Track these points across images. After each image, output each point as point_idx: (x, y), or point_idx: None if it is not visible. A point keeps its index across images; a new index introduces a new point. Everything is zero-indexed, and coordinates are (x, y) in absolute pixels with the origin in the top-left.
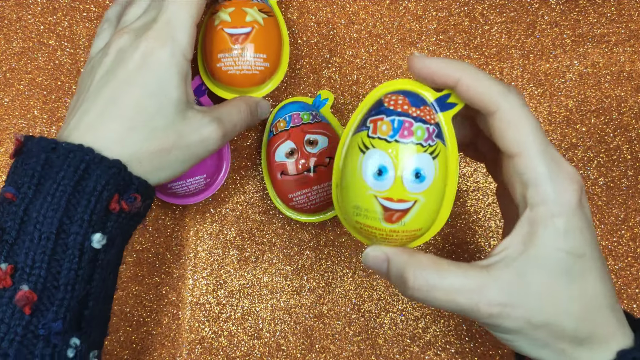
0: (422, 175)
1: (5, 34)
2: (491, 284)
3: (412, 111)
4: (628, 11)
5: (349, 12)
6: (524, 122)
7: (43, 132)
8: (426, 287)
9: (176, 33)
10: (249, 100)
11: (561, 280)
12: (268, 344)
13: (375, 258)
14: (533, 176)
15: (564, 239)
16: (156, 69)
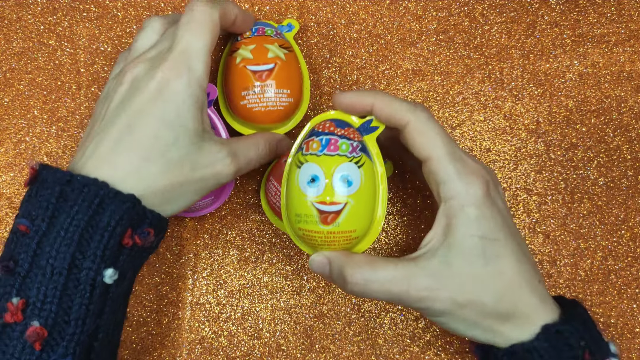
0: (349, 180)
1: (5, 34)
2: (418, 272)
3: (337, 131)
4: (628, 11)
5: (349, 12)
6: (430, 130)
7: (43, 132)
8: (362, 281)
9: (192, 62)
10: (270, 137)
11: (478, 262)
12: (268, 344)
13: (319, 262)
14: (443, 175)
15: (476, 225)
16: (173, 99)
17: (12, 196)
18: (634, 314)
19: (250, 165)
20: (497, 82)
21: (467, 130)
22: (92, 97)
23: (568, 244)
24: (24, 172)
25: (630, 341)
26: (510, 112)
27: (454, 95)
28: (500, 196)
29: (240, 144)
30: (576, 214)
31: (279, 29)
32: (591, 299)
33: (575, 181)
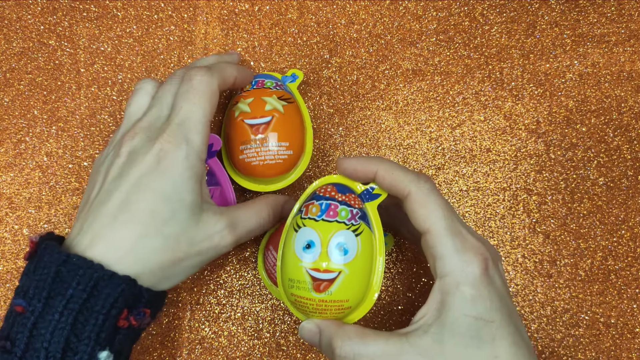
0: (345, 249)
1: (5, 34)
2: (409, 349)
3: (338, 196)
4: (628, 11)
5: (349, 12)
6: (431, 203)
7: (43, 132)
8: (352, 354)
9: (190, 134)
10: (274, 202)
11: (471, 344)
12: (268, 344)
13: (309, 330)
14: (440, 250)
15: (471, 305)
16: (170, 173)
17: (12, 196)
18: (634, 314)
19: (251, 234)
20: (497, 82)
21: (467, 130)
22: (92, 97)
23: (568, 244)
24: (24, 172)
25: (630, 341)
26: (510, 112)
27: (454, 95)
28: (499, 274)
29: (241, 213)
30: (576, 214)
31: (282, 80)
32: (591, 299)
33: (575, 181)
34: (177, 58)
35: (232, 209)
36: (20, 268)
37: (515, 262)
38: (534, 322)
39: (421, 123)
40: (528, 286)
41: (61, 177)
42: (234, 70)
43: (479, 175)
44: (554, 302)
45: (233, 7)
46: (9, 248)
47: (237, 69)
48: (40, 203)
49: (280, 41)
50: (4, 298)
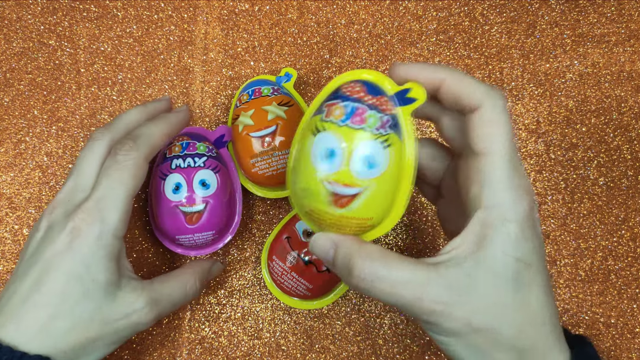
0: (371, 162)
1: (5, 34)
2: (438, 280)
3: (367, 99)
4: (628, 11)
5: (349, 12)
6: (502, 123)
7: (43, 132)
8: (372, 277)
9: (106, 213)
10: (200, 269)
11: (508, 287)
12: (268, 344)
13: (323, 245)
14: (494, 178)
15: (514, 245)
16: (82, 253)
17: (12, 196)
18: (634, 314)
19: (176, 307)
20: (497, 82)
21: None
22: (92, 97)
23: (568, 244)
24: (24, 172)
25: (630, 341)
26: (510, 112)
27: None
28: (539, 219)
29: (164, 287)
30: (576, 214)
31: (277, 82)
32: (591, 299)
33: (575, 181)
34: (177, 58)
35: (155, 282)
36: None
37: None
38: None
39: (421, 123)
40: None
41: (61, 177)
42: (163, 129)
43: None
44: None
45: (233, 7)
46: (9, 248)
47: (165, 125)
48: (40, 203)
49: (280, 41)
50: None
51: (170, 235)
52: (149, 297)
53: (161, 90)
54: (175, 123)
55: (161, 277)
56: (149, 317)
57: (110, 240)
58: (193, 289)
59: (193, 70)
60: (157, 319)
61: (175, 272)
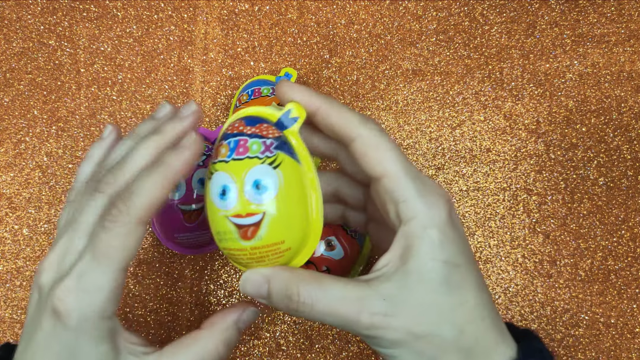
0: (263, 185)
1: (5, 34)
2: (372, 294)
3: (246, 130)
4: (628, 11)
5: (349, 12)
6: (384, 145)
7: (43, 132)
8: (310, 300)
9: (89, 295)
10: (224, 326)
11: (440, 290)
12: (268, 344)
13: (255, 281)
14: (402, 193)
15: (439, 249)
16: (65, 339)
17: (12, 196)
18: (634, 314)
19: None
20: (497, 82)
21: (467, 130)
22: (92, 97)
23: (568, 244)
24: (24, 172)
25: (630, 341)
26: (510, 112)
27: (454, 95)
28: (458, 218)
29: (180, 356)
30: (576, 214)
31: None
32: (591, 299)
33: (575, 181)
34: (177, 58)
35: (166, 354)
36: (21, 268)
37: (515, 262)
38: (534, 322)
39: (421, 123)
40: (528, 286)
41: (61, 177)
42: (159, 181)
43: (479, 175)
44: (554, 302)
45: (233, 7)
46: (9, 248)
47: (163, 174)
48: (40, 203)
49: (280, 41)
50: (4, 298)
51: (169, 233)
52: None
53: (161, 90)
54: (176, 167)
55: (174, 344)
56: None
57: (96, 323)
58: (214, 353)
59: (193, 70)
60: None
61: (191, 336)
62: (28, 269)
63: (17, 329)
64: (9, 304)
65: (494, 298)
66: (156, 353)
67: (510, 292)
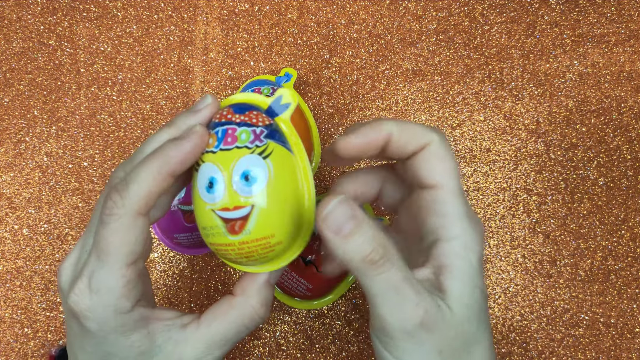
0: (252, 177)
1: (5, 34)
2: (429, 295)
3: (235, 118)
4: (628, 11)
5: (349, 12)
6: (449, 158)
7: (43, 132)
8: (385, 267)
9: (100, 295)
10: (258, 285)
11: (473, 320)
12: (268, 344)
13: (343, 214)
14: (451, 208)
15: (477, 274)
16: (94, 339)
17: (12, 196)
18: (634, 314)
19: (236, 343)
20: (497, 82)
21: (467, 130)
22: (92, 97)
23: (568, 244)
24: (24, 172)
25: (630, 341)
26: (510, 112)
27: (454, 95)
28: None
29: (216, 328)
30: (576, 214)
31: (276, 82)
32: (591, 299)
33: (575, 181)
34: (177, 58)
35: (203, 325)
36: (21, 268)
37: (515, 262)
38: (534, 322)
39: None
40: (528, 286)
41: (61, 177)
42: (156, 171)
43: (479, 175)
44: (554, 302)
45: (233, 7)
46: (9, 248)
47: (159, 164)
48: (40, 203)
49: (280, 41)
50: (4, 298)
51: (169, 233)
52: (198, 348)
53: (161, 90)
54: (173, 157)
55: (210, 312)
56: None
57: (117, 319)
58: (256, 319)
59: (193, 70)
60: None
61: (227, 303)
62: (28, 269)
63: (17, 329)
64: (9, 304)
65: (494, 298)
66: (193, 324)
67: (510, 292)
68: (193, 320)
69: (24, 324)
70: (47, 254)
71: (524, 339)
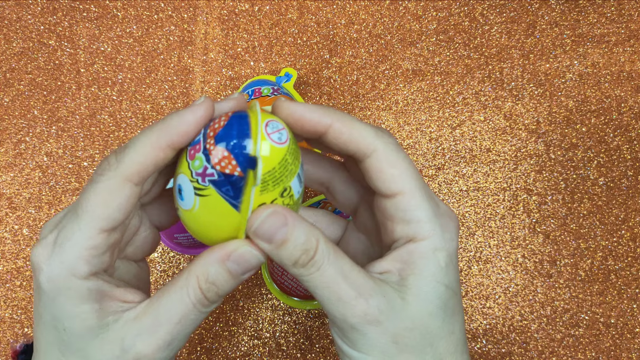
0: (183, 194)
1: (5, 34)
2: (375, 287)
3: (209, 142)
4: (628, 11)
5: (349, 12)
6: (401, 161)
7: (43, 132)
8: (321, 262)
9: (64, 250)
10: (202, 263)
11: (438, 313)
12: (268, 344)
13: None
14: (417, 213)
15: (444, 273)
16: (46, 298)
17: (12, 196)
18: (634, 314)
19: (185, 326)
20: (497, 82)
21: (467, 130)
22: (92, 97)
23: (568, 244)
24: (24, 172)
25: (630, 341)
26: (510, 112)
27: (454, 95)
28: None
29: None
30: (576, 214)
31: (277, 82)
32: (591, 299)
33: (575, 181)
34: (177, 58)
35: (153, 301)
36: (21, 268)
37: (515, 262)
38: (534, 322)
39: (421, 123)
40: (528, 286)
41: (61, 177)
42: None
43: (479, 175)
44: (554, 302)
45: (233, 7)
46: (9, 248)
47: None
48: (40, 203)
49: (280, 41)
50: (4, 298)
51: (169, 233)
52: (142, 326)
53: (161, 90)
54: (175, 126)
55: (159, 291)
56: (148, 349)
57: (70, 281)
58: (193, 297)
59: (193, 70)
60: (164, 347)
61: (167, 285)
62: (28, 269)
63: (17, 328)
64: (9, 304)
65: (494, 298)
66: (134, 309)
67: (510, 292)
68: (137, 306)
69: (24, 324)
70: None
71: (524, 339)
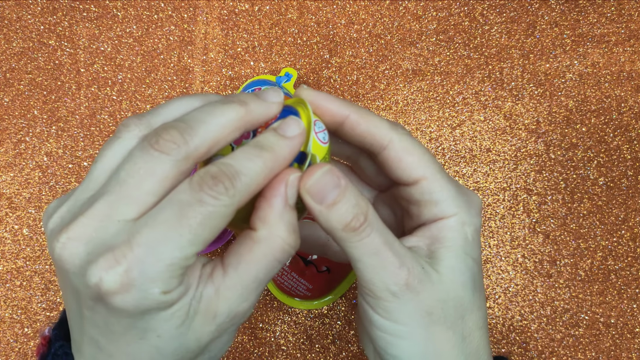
0: None
1: (5, 34)
2: (415, 257)
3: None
4: (628, 11)
5: (349, 12)
6: (418, 148)
7: (43, 132)
8: (371, 229)
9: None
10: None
11: (467, 285)
12: (268, 344)
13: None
14: (443, 194)
15: (472, 246)
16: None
17: (12, 196)
18: (634, 314)
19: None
20: (497, 82)
21: (467, 130)
22: (92, 97)
23: (568, 244)
24: (24, 172)
25: (630, 341)
26: (510, 112)
27: (454, 95)
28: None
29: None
30: (576, 214)
31: (277, 82)
32: (591, 299)
33: (575, 181)
34: (177, 58)
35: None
36: (20, 268)
37: (515, 262)
38: (534, 322)
39: (421, 123)
40: (528, 286)
41: (61, 177)
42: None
43: (479, 175)
44: (554, 302)
45: (233, 7)
46: (9, 248)
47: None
48: (40, 203)
49: (280, 41)
50: (4, 298)
51: None
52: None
53: (161, 90)
54: (284, 158)
55: (232, 254)
56: (244, 309)
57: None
58: (287, 250)
59: (193, 70)
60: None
61: (248, 239)
62: (28, 269)
63: (17, 328)
64: (9, 304)
65: (494, 298)
66: (217, 271)
67: (510, 292)
68: (216, 268)
69: (24, 324)
70: (47, 254)
71: (524, 339)
